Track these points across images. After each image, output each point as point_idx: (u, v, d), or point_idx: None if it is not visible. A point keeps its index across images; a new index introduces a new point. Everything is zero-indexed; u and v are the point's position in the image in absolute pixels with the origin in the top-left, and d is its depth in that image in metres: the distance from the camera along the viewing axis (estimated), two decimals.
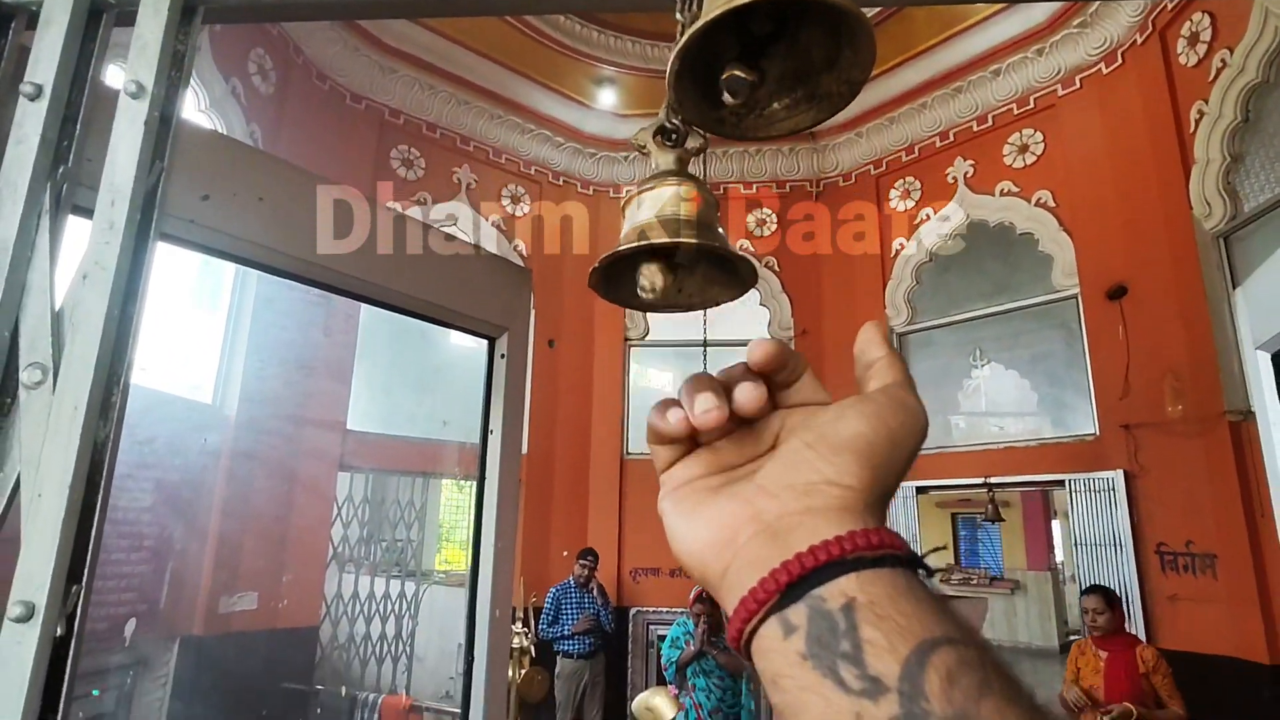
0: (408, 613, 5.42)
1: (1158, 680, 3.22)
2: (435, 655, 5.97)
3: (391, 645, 5.29)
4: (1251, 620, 3.99)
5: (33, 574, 0.46)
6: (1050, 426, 5.48)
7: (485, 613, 1.08)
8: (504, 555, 1.13)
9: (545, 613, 5.19)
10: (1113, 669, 3.30)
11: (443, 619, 6.05)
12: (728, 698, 4.19)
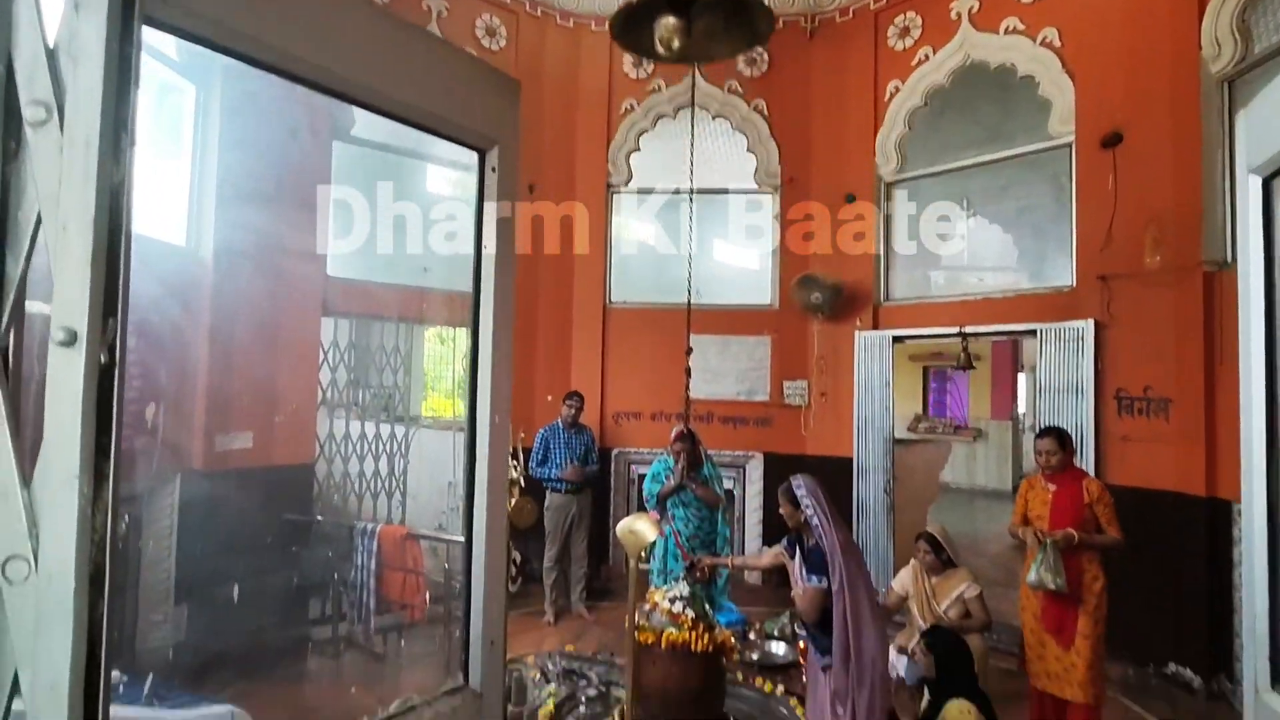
0: (399, 452, 5.64)
1: (1099, 509, 3.45)
2: (427, 492, 6.28)
3: (385, 482, 5.54)
4: (1195, 457, 4.28)
5: (71, 302, 0.47)
6: (1028, 279, 5.56)
7: (485, 421, 1.12)
8: (502, 367, 1.15)
9: (534, 452, 5.42)
10: (1059, 500, 3.52)
11: (432, 460, 6.30)
12: (705, 526, 4.51)
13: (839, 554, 2.72)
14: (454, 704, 1.05)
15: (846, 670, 2.66)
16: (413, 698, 1.03)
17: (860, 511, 5.78)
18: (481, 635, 1.09)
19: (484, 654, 1.09)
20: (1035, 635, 3.60)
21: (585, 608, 5.53)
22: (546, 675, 3.85)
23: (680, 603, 3.18)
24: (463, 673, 1.10)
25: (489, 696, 1.09)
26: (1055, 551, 3.37)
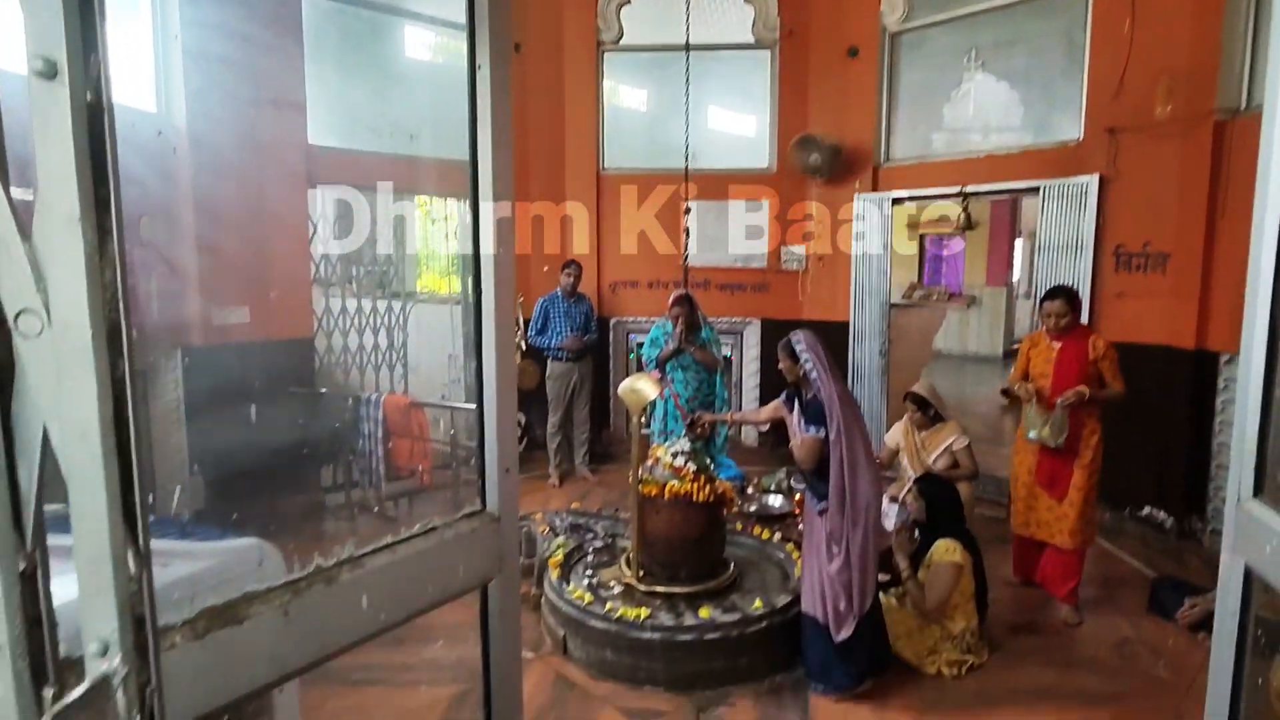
0: (397, 325, 5.65)
1: (1104, 365, 3.42)
2: (428, 366, 6.35)
3: (385, 355, 5.58)
4: (1187, 311, 4.31)
5: (45, 28, 0.43)
6: (1033, 134, 5.37)
7: (489, 276, 1.08)
8: (505, 227, 1.10)
9: (533, 322, 5.43)
10: (1064, 358, 3.48)
11: (430, 334, 6.32)
12: (703, 389, 4.59)
13: (836, 404, 2.78)
14: (473, 525, 1.09)
15: (842, 513, 2.79)
16: (434, 520, 1.06)
17: (856, 374, 5.89)
18: (497, 462, 1.12)
19: (500, 480, 1.12)
20: (1026, 488, 3.65)
21: (589, 470, 5.74)
22: (555, 530, 4.04)
23: (682, 457, 3.28)
24: (480, 498, 1.13)
25: (506, 520, 1.13)
26: (1064, 413, 3.38)
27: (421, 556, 1.01)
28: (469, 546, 1.09)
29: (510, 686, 1.18)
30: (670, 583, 3.29)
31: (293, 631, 0.84)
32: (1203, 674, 2.97)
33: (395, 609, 0.98)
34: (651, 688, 2.95)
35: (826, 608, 2.86)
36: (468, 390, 6.11)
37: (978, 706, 2.86)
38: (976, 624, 3.18)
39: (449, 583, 1.06)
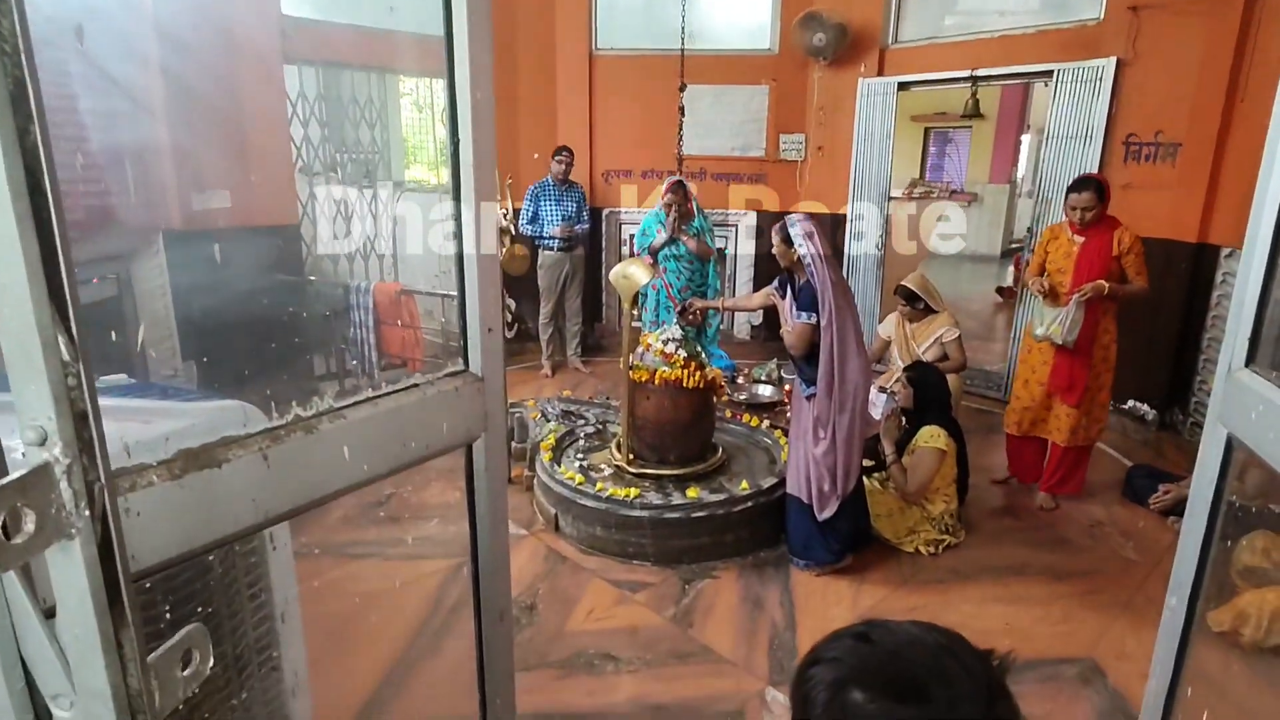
0: (385, 213, 5.51)
1: (1129, 260, 3.22)
2: (420, 256, 6.25)
3: (374, 243, 5.47)
4: (1193, 203, 4.22)
5: None
6: (1052, 13, 5.07)
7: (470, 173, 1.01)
8: (483, 108, 1.02)
9: (524, 210, 5.30)
10: (1087, 253, 3.26)
11: (420, 224, 6.19)
12: (696, 279, 4.54)
13: (829, 290, 2.75)
14: (455, 384, 1.07)
15: (830, 397, 2.81)
16: (416, 377, 1.04)
17: (851, 267, 5.82)
18: (479, 320, 1.09)
19: (482, 339, 1.10)
20: (1032, 392, 3.50)
21: (581, 362, 5.76)
22: (546, 416, 4.09)
23: (673, 344, 3.28)
24: (463, 358, 1.11)
25: (490, 381, 1.12)
26: (1080, 309, 3.22)
27: (403, 412, 1.00)
28: (452, 405, 1.08)
29: (497, 544, 1.20)
30: (659, 465, 3.37)
31: (274, 477, 0.84)
32: (1170, 554, 3.08)
33: (378, 461, 0.97)
34: (640, 561, 3.07)
35: (811, 489, 2.94)
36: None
37: (951, 580, 2.99)
38: (956, 507, 3.28)
39: (432, 439, 1.05)
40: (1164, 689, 1.37)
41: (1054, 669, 2.47)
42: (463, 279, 1.06)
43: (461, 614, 2.57)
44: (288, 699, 1.43)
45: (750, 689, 2.35)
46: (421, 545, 3.14)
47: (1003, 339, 6.84)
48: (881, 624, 0.61)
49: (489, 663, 1.26)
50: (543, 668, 2.44)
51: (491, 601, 1.23)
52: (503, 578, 1.24)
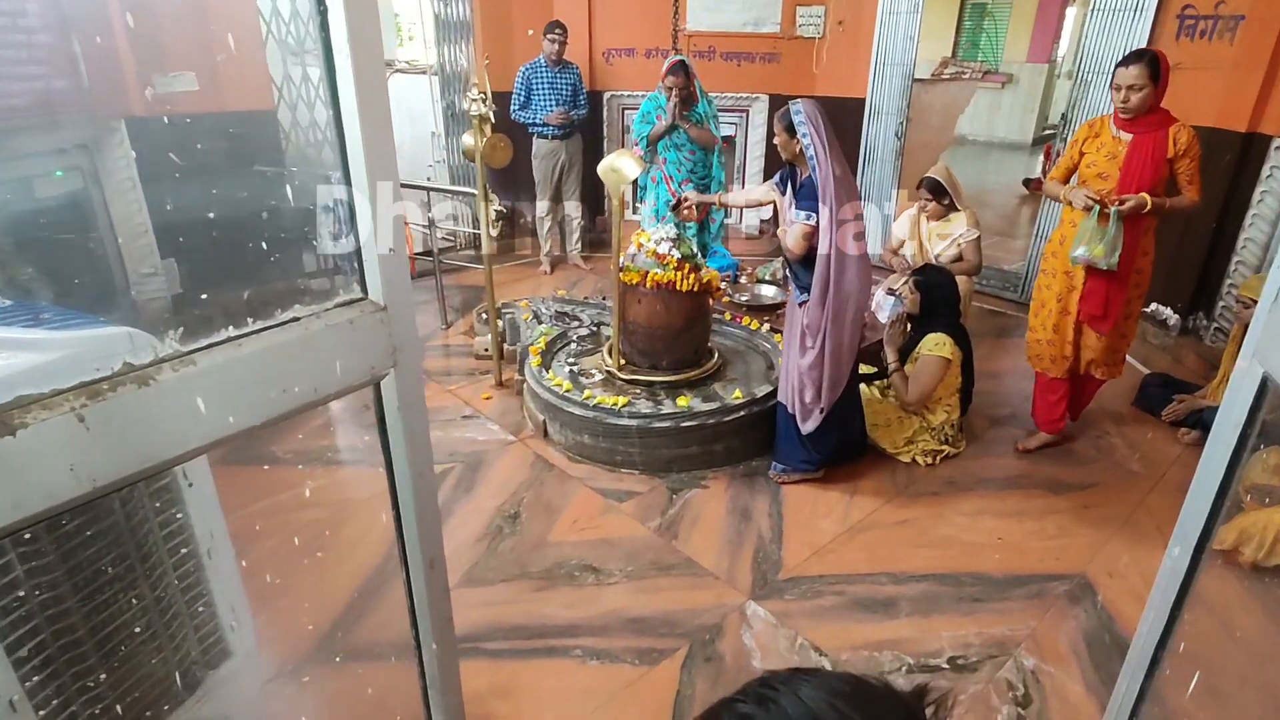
0: None
1: (1183, 165, 2.66)
2: (410, 144, 5.92)
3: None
4: (1248, 87, 3.80)
5: None
6: None
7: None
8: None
9: (515, 94, 4.93)
10: (1137, 154, 2.67)
11: (411, 107, 5.82)
12: (699, 170, 4.24)
13: (831, 187, 2.49)
14: (349, 316, 0.91)
15: (823, 306, 2.61)
16: (297, 309, 0.88)
17: (867, 156, 5.45)
18: (373, 239, 0.91)
19: (383, 262, 0.92)
20: (1055, 318, 2.96)
21: (581, 258, 5.55)
22: (539, 317, 3.94)
23: (666, 244, 3.07)
24: (359, 283, 0.94)
25: (396, 309, 0.95)
26: (1120, 225, 2.66)
27: (279, 352, 0.84)
28: (347, 339, 0.92)
29: (421, 490, 1.08)
30: (651, 371, 3.24)
31: (97, 440, 0.69)
32: (1175, 468, 2.95)
33: (248, 412, 0.82)
34: (628, 470, 3.00)
35: (794, 399, 2.81)
36: (452, 172, 5.74)
37: (946, 492, 2.90)
38: (958, 417, 3.15)
39: (322, 381, 0.90)
40: (1151, 645, 1.26)
41: (1043, 585, 2.40)
42: (348, 175, 0.88)
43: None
44: (226, 634, 1.37)
45: (731, 602, 2.31)
46: (368, 453, 3.07)
47: (1024, 236, 6.49)
48: (787, 687, 0.47)
49: (422, 612, 1.16)
50: (522, 579, 2.41)
51: (419, 552, 1.11)
52: (430, 524, 1.12)
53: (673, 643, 2.15)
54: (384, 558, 2.52)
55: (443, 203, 5.94)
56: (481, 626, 2.20)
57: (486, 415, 3.43)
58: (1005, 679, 2.04)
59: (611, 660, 2.09)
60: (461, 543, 2.57)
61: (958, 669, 2.07)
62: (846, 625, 2.23)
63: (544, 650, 2.13)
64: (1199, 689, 1.41)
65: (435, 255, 4.31)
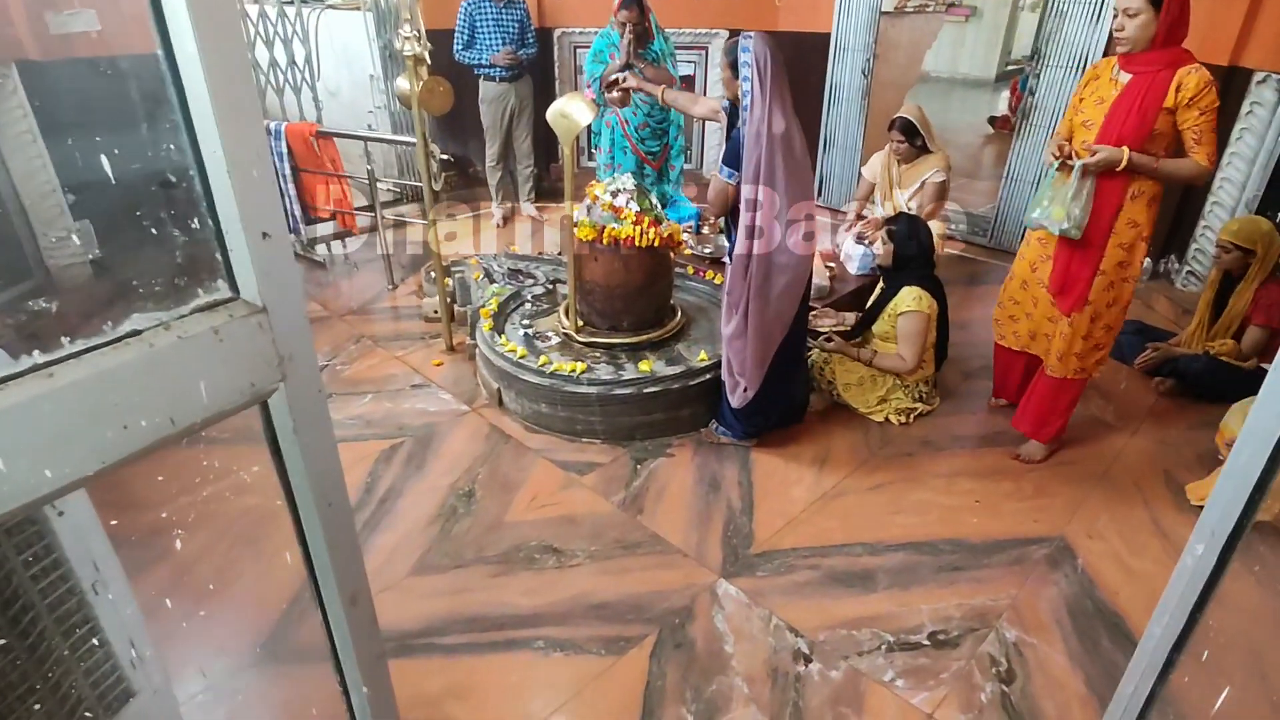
0: (296, 37, 4.73)
1: (1188, 118, 2.19)
2: (348, 87, 5.51)
3: (289, 74, 4.75)
4: (1232, 19, 3.66)
5: None
6: None
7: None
8: None
9: (458, 32, 4.56)
10: (1128, 97, 2.23)
11: (346, 47, 5.38)
12: (655, 113, 3.98)
13: (763, 144, 2.24)
14: (215, 322, 0.71)
15: (744, 277, 2.41)
16: (136, 319, 0.68)
17: (833, 96, 5.22)
18: (242, 222, 0.70)
19: (256, 249, 0.72)
20: (1026, 290, 2.66)
21: (535, 209, 5.27)
22: (491, 276, 3.70)
23: (623, 195, 2.85)
24: (226, 280, 0.74)
25: (280, 309, 0.75)
26: (1085, 181, 2.29)
27: (111, 378, 0.64)
28: (212, 353, 0.72)
29: (334, 520, 0.90)
30: (611, 333, 3.06)
31: None
32: (1149, 421, 2.88)
33: (74, 461, 0.63)
34: (589, 440, 2.85)
35: (724, 369, 2.67)
36: (395, 118, 5.37)
37: (920, 453, 2.82)
38: (932, 373, 3.05)
39: (181, 409, 0.70)
40: (1165, 649, 1.15)
41: (1022, 550, 2.34)
42: (192, 130, 0.67)
43: (391, 506, 2.34)
44: (127, 672, 1.19)
45: (701, 581, 2.20)
46: (354, 427, 2.87)
47: (991, 177, 6.38)
48: None
49: (346, 655, 0.99)
50: (479, 563, 2.26)
51: (336, 590, 0.94)
52: (348, 557, 0.94)
53: (640, 629, 2.04)
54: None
55: (387, 153, 5.58)
56: (436, 619, 2.05)
57: (438, 383, 3.23)
58: (988, 653, 1.98)
59: (576, 651, 1.97)
60: (413, 526, 2.40)
61: (939, 645, 2.00)
62: (822, 602, 2.14)
63: (503, 643, 1.99)
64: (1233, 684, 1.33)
65: (377, 210, 4.02)
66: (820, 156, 5.42)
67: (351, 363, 3.39)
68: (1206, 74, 2.16)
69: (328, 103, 5.30)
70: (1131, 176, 2.29)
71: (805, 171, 2.39)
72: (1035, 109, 4.37)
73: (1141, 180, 2.30)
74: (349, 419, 2.96)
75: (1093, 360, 2.57)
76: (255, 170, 0.71)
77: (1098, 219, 2.35)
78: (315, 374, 0.83)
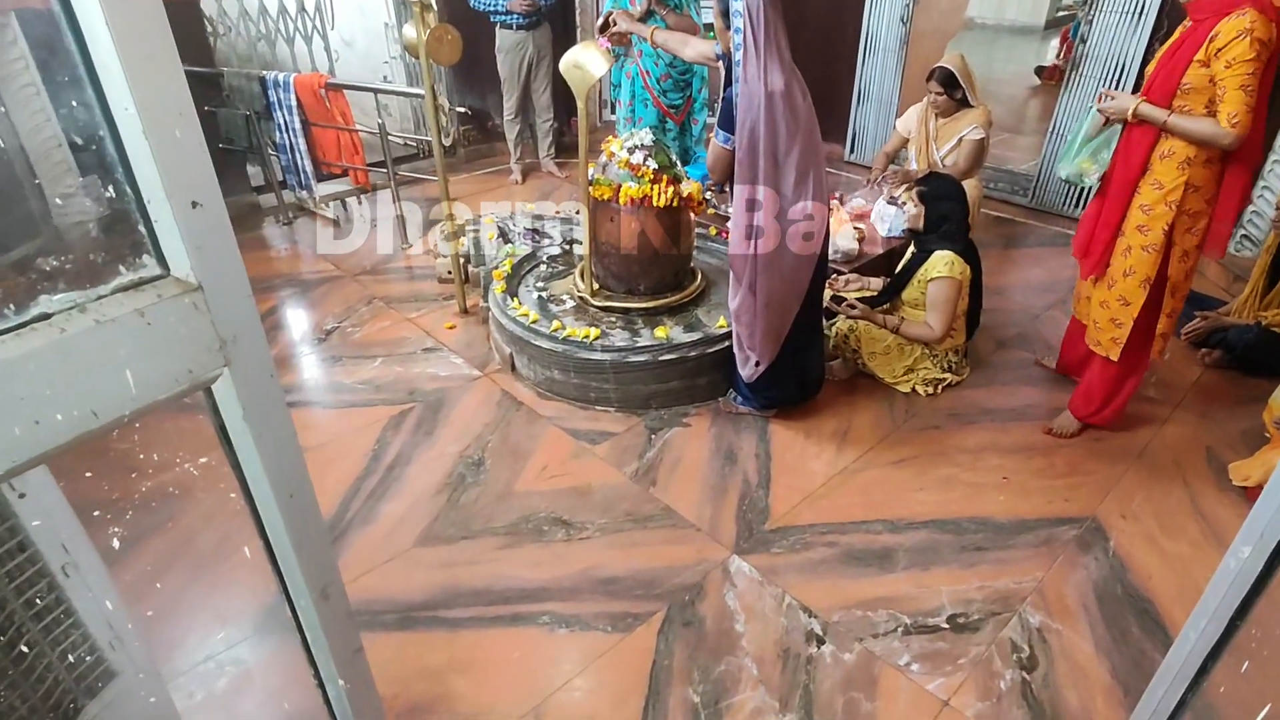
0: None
1: (1217, 71, 1.98)
2: (363, 37, 5.38)
3: (299, 22, 4.63)
4: None
5: None
6: None
7: None
8: None
9: None
10: (1172, 47, 2.12)
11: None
12: (678, 64, 3.81)
13: (760, 105, 2.07)
14: (141, 303, 0.63)
15: (749, 241, 2.28)
16: (44, 301, 0.60)
17: (868, 46, 4.97)
18: (166, 190, 0.62)
19: (186, 221, 0.64)
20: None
21: (555, 165, 5.14)
22: (506, 235, 3.61)
23: (640, 153, 2.72)
24: (153, 255, 0.66)
25: (218, 286, 0.67)
26: (1107, 131, 2.29)
27: (18, 369, 0.57)
28: (140, 338, 0.65)
29: (297, 510, 0.83)
30: (627, 297, 2.97)
31: None
32: (1194, 394, 2.72)
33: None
34: (603, 408, 2.78)
35: (733, 338, 2.58)
36: (410, 70, 5.23)
37: (948, 425, 2.71)
38: (963, 342, 2.91)
39: (105, 401, 0.64)
40: (1200, 655, 1.06)
41: (1050, 531, 2.24)
42: (105, 107, 0.59)
43: (395, 477, 2.29)
44: (106, 654, 1.16)
45: (714, 557, 2.14)
46: (363, 392, 2.83)
47: (1035, 133, 6.09)
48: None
49: (320, 650, 0.94)
50: (486, 534, 2.22)
51: (304, 584, 0.88)
52: (316, 550, 0.88)
53: (649, 606, 1.99)
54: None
55: (403, 105, 5.46)
56: (440, 591, 2.03)
57: (450, 347, 3.17)
58: (1009, 639, 1.90)
59: (582, 628, 1.93)
60: (421, 495, 2.37)
61: (958, 629, 1.93)
62: (838, 581, 2.07)
63: (508, 618, 1.96)
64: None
65: (389, 166, 3.92)
66: (853, 110, 5.18)
67: (362, 325, 3.34)
68: (1249, 22, 1.92)
69: (343, 53, 5.18)
70: (1161, 134, 2.14)
71: (811, 133, 2.21)
72: (1087, 59, 4.10)
73: (1173, 139, 2.13)
74: (358, 383, 2.93)
75: (1109, 337, 2.40)
76: (179, 130, 0.63)
77: (1122, 176, 2.24)
78: (265, 356, 0.76)
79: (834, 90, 5.08)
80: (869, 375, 2.91)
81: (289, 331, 3.36)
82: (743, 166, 2.18)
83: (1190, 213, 2.18)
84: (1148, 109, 2.13)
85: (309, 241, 4.19)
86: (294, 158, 4.04)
